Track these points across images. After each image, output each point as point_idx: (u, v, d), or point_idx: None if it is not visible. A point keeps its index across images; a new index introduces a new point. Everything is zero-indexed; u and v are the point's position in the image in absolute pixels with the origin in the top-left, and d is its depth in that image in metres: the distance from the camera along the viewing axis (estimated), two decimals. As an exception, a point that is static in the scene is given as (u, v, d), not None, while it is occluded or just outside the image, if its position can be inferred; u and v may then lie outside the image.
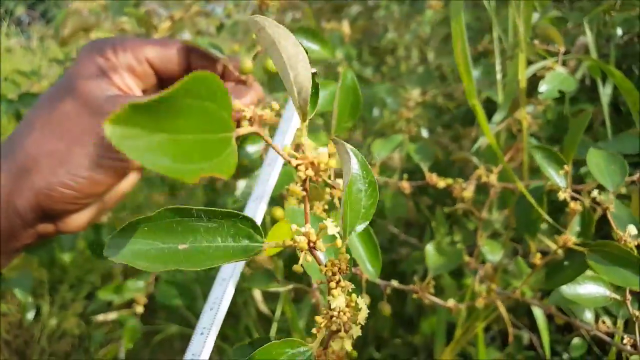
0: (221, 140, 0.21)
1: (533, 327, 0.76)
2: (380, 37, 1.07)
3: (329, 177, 0.37)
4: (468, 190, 0.51)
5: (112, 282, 0.78)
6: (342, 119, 0.35)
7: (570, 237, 0.37)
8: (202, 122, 0.20)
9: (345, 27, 0.74)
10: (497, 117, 0.51)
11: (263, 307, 0.81)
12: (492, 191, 0.52)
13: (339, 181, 0.36)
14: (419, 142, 0.55)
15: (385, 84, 0.79)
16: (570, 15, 0.78)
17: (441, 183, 0.52)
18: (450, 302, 0.42)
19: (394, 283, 0.42)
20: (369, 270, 0.36)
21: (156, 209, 0.25)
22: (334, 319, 0.25)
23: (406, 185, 0.54)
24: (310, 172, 0.24)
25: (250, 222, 0.25)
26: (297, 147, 0.41)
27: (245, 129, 0.23)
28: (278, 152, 0.24)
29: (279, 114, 0.39)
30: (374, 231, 0.38)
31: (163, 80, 0.39)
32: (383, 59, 1.07)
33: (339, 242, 0.25)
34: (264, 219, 0.80)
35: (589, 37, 0.64)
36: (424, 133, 0.69)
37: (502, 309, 0.54)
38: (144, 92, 0.40)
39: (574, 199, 0.37)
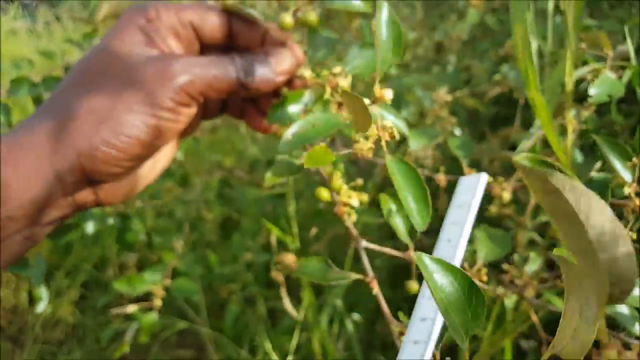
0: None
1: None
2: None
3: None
4: (507, 191, 0.49)
5: (127, 274, 0.75)
6: (387, 56, 0.32)
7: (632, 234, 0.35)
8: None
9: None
10: (538, 121, 0.50)
11: (292, 312, 0.78)
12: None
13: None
14: (458, 138, 0.53)
15: (415, 75, 0.78)
16: (606, 23, 0.77)
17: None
18: (500, 290, 0.40)
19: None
20: (415, 219, 0.31)
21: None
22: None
23: (442, 178, 0.52)
24: None
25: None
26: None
27: None
28: None
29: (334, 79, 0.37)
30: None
31: (204, 46, 0.38)
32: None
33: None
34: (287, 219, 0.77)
35: (629, 45, 0.63)
36: (457, 132, 0.67)
37: (535, 320, 0.52)
38: None
39: (638, 194, 0.36)
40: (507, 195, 0.49)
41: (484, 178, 0.39)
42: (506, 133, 0.67)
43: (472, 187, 0.38)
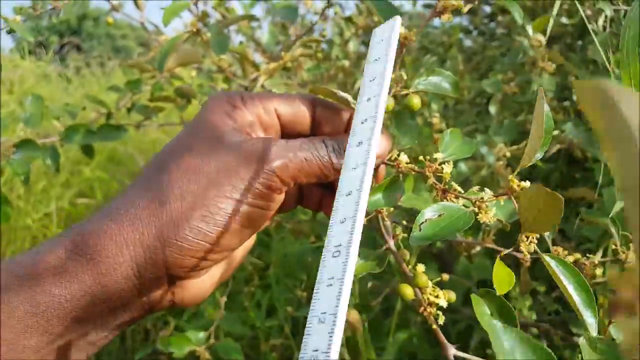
0: None
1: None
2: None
3: None
4: (599, 268, 0.45)
5: (168, 328, 0.72)
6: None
7: None
8: None
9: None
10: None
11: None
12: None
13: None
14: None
15: (478, 136, 0.76)
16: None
17: (570, 258, 0.46)
18: None
19: None
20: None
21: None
22: None
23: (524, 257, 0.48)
24: None
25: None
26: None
27: None
28: None
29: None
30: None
31: (285, 133, 0.36)
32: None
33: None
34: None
35: None
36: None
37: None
38: None
39: None
40: (599, 272, 0.45)
41: (397, 23, 0.34)
42: (572, 194, 0.64)
43: (387, 36, 0.33)
